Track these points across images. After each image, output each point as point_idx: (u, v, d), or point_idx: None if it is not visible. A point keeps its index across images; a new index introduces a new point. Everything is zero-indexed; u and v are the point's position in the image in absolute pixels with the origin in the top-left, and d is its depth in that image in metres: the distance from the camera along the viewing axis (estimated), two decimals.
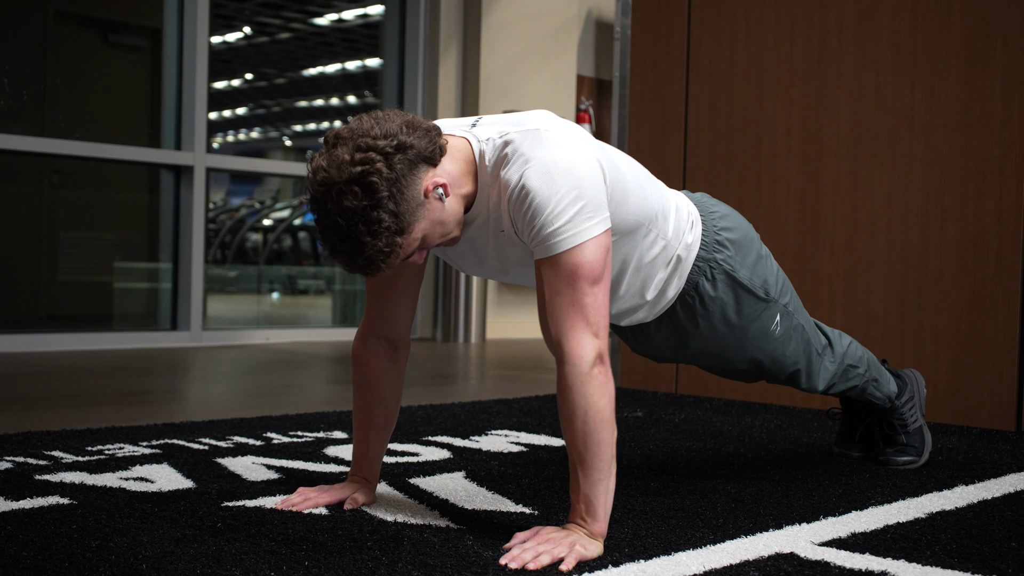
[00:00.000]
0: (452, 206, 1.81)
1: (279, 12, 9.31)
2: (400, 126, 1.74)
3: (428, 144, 1.76)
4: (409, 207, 1.72)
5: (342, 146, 1.71)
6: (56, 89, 6.33)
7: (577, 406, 1.76)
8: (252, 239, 9.67)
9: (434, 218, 1.78)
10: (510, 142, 1.83)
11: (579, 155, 1.82)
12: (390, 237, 1.70)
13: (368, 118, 1.76)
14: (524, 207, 1.78)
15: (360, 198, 1.67)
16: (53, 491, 2.14)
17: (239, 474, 2.36)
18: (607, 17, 7.49)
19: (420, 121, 1.79)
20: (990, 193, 3.36)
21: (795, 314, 2.29)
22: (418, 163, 1.74)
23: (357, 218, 1.67)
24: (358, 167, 1.68)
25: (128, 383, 4.38)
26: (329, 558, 1.70)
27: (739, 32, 3.99)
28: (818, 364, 2.37)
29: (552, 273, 1.78)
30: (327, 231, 1.71)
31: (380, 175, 1.68)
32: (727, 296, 2.14)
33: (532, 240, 1.79)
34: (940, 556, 1.82)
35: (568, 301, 1.78)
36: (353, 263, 1.73)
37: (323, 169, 1.70)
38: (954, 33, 3.45)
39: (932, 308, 3.48)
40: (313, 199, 1.72)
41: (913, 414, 2.63)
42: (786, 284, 2.29)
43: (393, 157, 1.70)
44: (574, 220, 1.76)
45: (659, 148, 4.21)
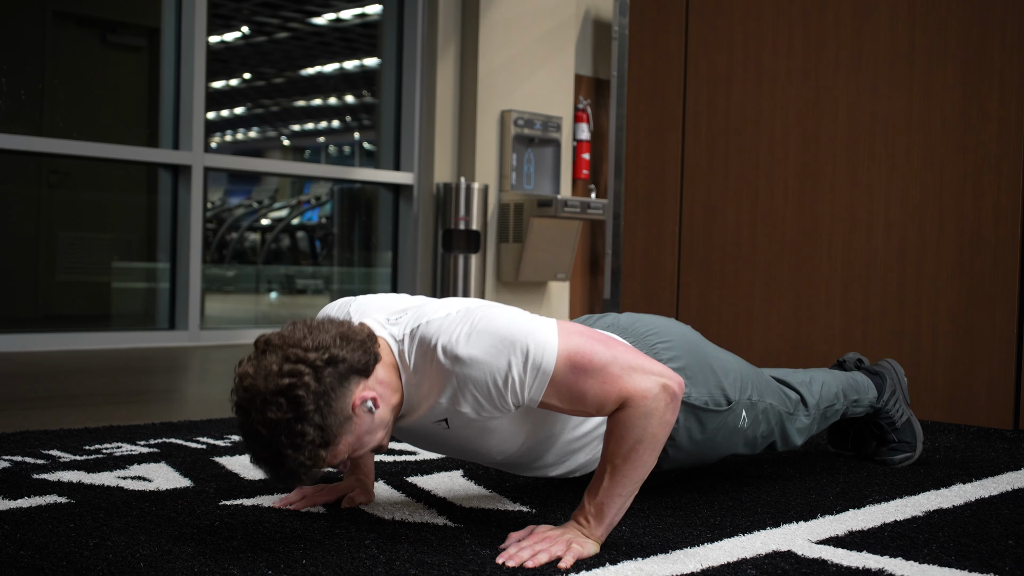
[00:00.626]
0: (382, 415, 1.74)
1: (277, 12, 9.31)
2: (334, 338, 1.68)
3: (362, 356, 1.70)
4: (336, 420, 1.65)
5: (271, 354, 1.65)
6: (54, 89, 6.33)
7: (636, 427, 1.73)
8: (250, 239, 9.67)
9: (361, 431, 1.71)
10: (424, 331, 1.77)
11: (490, 307, 1.78)
12: (314, 450, 1.63)
13: (302, 326, 1.70)
14: (483, 391, 1.72)
15: (285, 410, 1.60)
16: (51, 490, 2.14)
17: (237, 473, 2.36)
18: (605, 17, 7.49)
19: (356, 332, 1.73)
20: (988, 192, 3.36)
21: (760, 399, 2.25)
22: (349, 376, 1.68)
23: (280, 430, 1.61)
24: (285, 379, 1.61)
25: (126, 382, 4.38)
26: (327, 556, 1.70)
27: (737, 32, 3.99)
28: (791, 426, 2.34)
29: (564, 392, 1.74)
30: (249, 438, 1.65)
31: (307, 388, 1.61)
32: (690, 422, 2.11)
33: (519, 396, 1.74)
34: (937, 554, 1.82)
35: (598, 386, 1.73)
36: (274, 473, 1.67)
37: (249, 376, 1.64)
38: (952, 33, 3.45)
39: (930, 307, 3.48)
40: (237, 405, 1.65)
41: (899, 409, 2.63)
42: (742, 372, 2.24)
43: (323, 371, 1.64)
44: (531, 358, 1.71)
45: (657, 147, 4.21)
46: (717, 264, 4.07)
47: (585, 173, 7.24)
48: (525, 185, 6.81)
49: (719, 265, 4.06)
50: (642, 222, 4.31)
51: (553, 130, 6.95)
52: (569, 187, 7.15)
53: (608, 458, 1.76)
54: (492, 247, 6.65)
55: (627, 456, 1.74)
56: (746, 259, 3.96)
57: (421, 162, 6.64)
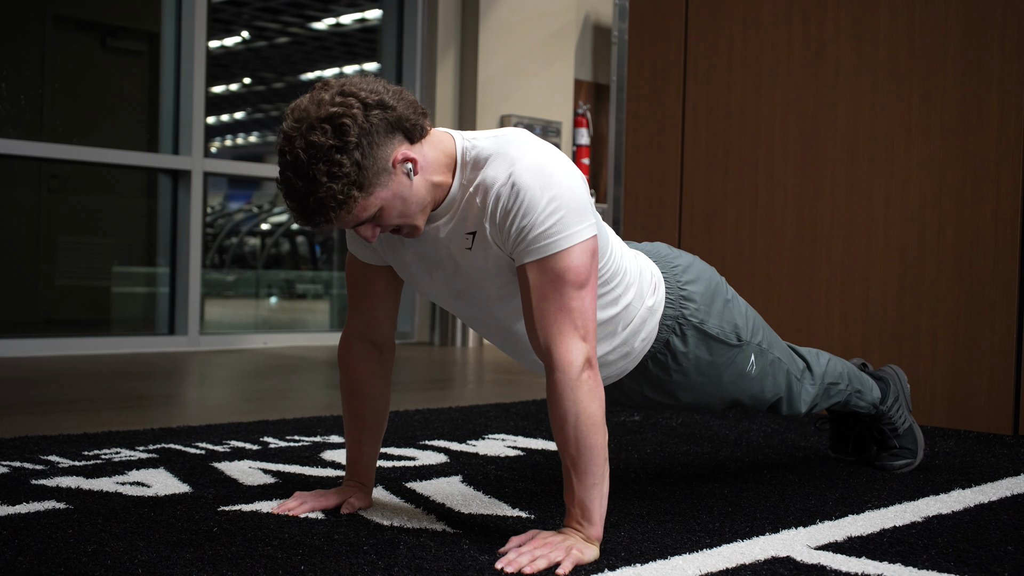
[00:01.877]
0: (419, 187, 1.77)
1: (277, 16, 9.32)
2: (388, 89, 1.73)
3: (410, 115, 1.74)
4: (374, 165, 1.69)
5: (326, 90, 1.71)
6: (54, 93, 6.33)
7: (568, 412, 1.76)
8: (250, 243, 9.67)
9: (397, 191, 1.74)
10: (497, 143, 1.82)
11: (565, 163, 1.81)
12: (347, 186, 1.67)
13: (360, 76, 1.76)
14: (512, 205, 1.75)
15: (328, 136, 1.65)
16: (49, 496, 2.14)
17: (236, 478, 2.36)
18: (604, 21, 7.50)
19: (410, 96, 1.77)
20: (987, 197, 3.37)
21: (770, 349, 2.26)
22: (395, 129, 1.72)
23: (320, 156, 1.65)
24: (335, 107, 1.66)
25: (125, 387, 4.38)
26: (325, 562, 1.70)
27: (736, 36, 4.00)
28: (798, 389, 2.35)
29: (539, 277, 1.77)
30: (287, 166, 1.68)
31: (354, 120, 1.66)
32: (699, 349, 2.12)
33: (516, 242, 1.77)
34: (936, 560, 1.82)
35: (555, 306, 1.76)
36: (304, 205, 1.69)
37: (301, 107, 1.70)
38: (951, 38, 3.45)
39: (929, 312, 3.48)
40: (283, 133, 1.70)
41: (901, 415, 2.63)
42: (757, 320, 2.27)
43: (372, 110, 1.69)
44: (562, 222, 1.75)
45: (656, 152, 4.21)
46: (716, 268, 4.06)
47: (585, 178, 7.24)
48: None
49: (718, 269, 4.05)
50: (642, 226, 4.31)
51: (553, 135, 6.95)
52: None
53: (562, 454, 1.79)
54: None
55: (576, 443, 1.76)
56: (745, 264, 3.96)
57: None
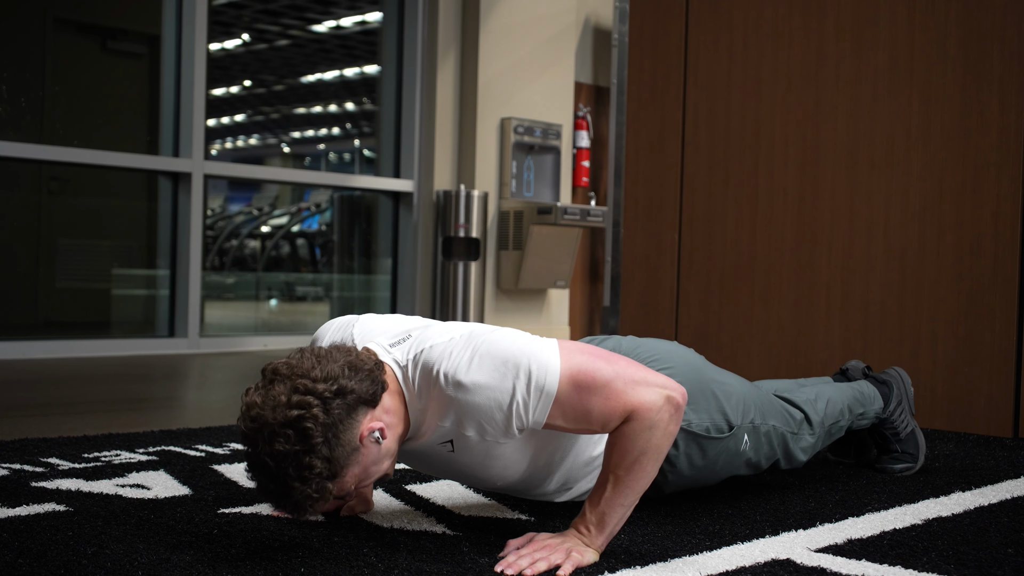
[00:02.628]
0: (388, 445, 1.75)
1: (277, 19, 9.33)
2: (343, 368, 1.67)
3: (370, 386, 1.69)
4: (344, 451, 1.65)
5: (279, 384, 1.64)
6: (55, 96, 6.34)
7: (640, 438, 1.72)
8: (250, 246, 9.67)
9: (368, 461, 1.71)
10: (427, 357, 1.76)
11: (491, 331, 1.77)
12: (320, 483, 1.63)
13: (310, 355, 1.69)
14: (488, 416, 1.72)
15: (293, 442, 1.60)
16: (49, 498, 2.13)
17: (235, 481, 2.36)
18: (605, 24, 7.50)
19: (363, 360, 1.72)
20: (987, 200, 3.37)
21: (763, 422, 2.23)
22: (357, 407, 1.67)
23: (288, 462, 1.60)
24: (294, 410, 1.60)
25: (125, 390, 4.37)
26: (325, 565, 1.70)
27: (737, 39, 4.00)
28: (795, 445, 2.33)
29: (567, 416, 1.73)
30: (255, 469, 1.64)
31: (316, 420, 1.60)
32: (691, 449, 2.10)
33: (521, 426, 1.74)
34: (936, 562, 1.81)
35: (602, 403, 1.72)
36: (280, 504, 1.67)
37: (257, 406, 1.63)
38: (951, 41, 3.45)
39: (929, 314, 3.48)
40: (244, 435, 1.64)
41: (904, 419, 2.63)
42: (747, 395, 2.22)
43: (331, 402, 1.63)
44: (534, 379, 1.70)
45: (657, 155, 4.21)
46: (717, 271, 4.07)
47: (585, 180, 7.25)
48: (525, 192, 6.82)
49: (719, 272, 4.06)
50: (642, 229, 4.31)
51: (553, 137, 6.95)
52: (569, 194, 7.16)
53: (611, 468, 1.76)
54: (492, 254, 6.65)
55: (630, 467, 1.74)
56: (746, 266, 3.96)
57: (421, 169, 6.64)
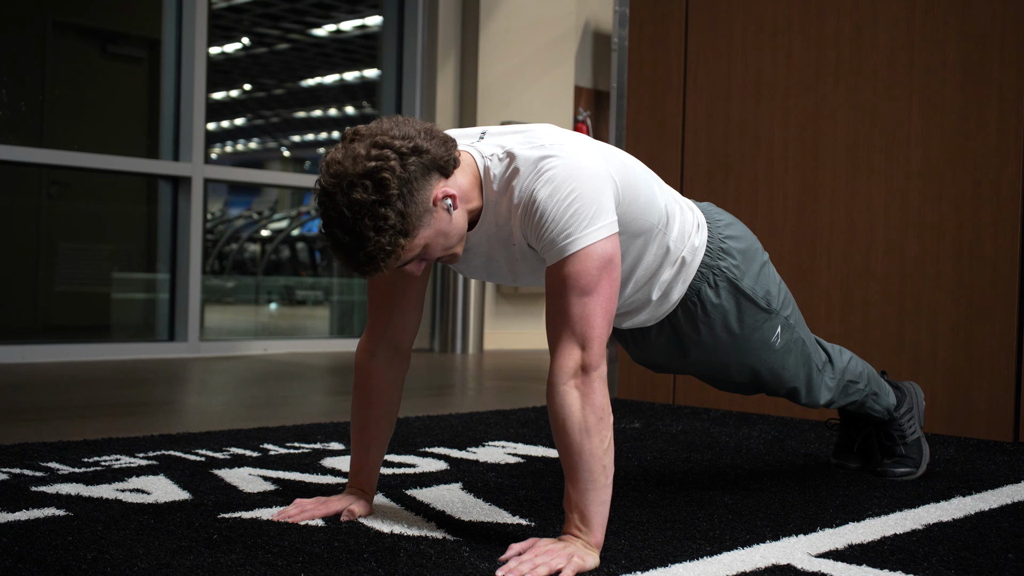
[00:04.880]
0: (458, 219, 1.82)
1: (277, 23, 9.33)
2: (419, 131, 1.76)
3: (444, 153, 1.77)
4: (417, 210, 1.72)
5: (359, 142, 1.72)
6: (55, 100, 6.34)
7: (557, 416, 1.78)
8: (250, 250, 9.67)
9: (439, 228, 1.78)
10: (515, 157, 1.84)
11: (583, 167, 1.82)
12: (394, 236, 1.70)
13: (388, 120, 1.77)
14: (533, 220, 1.80)
15: (370, 192, 1.67)
16: (49, 503, 2.13)
17: (236, 486, 2.36)
18: (605, 28, 7.51)
19: (439, 131, 1.81)
20: (987, 204, 3.37)
21: (796, 327, 2.29)
22: (431, 170, 1.75)
23: (364, 212, 1.67)
24: (373, 162, 1.68)
25: (125, 394, 4.38)
26: (325, 570, 1.70)
27: (737, 43, 4.00)
28: (818, 380, 2.37)
29: (550, 282, 1.81)
30: (331, 223, 1.71)
31: (393, 172, 1.68)
32: (729, 304, 2.15)
33: (542, 251, 1.82)
34: (937, 568, 1.81)
35: (557, 310, 1.80)
36: (353, 259, 1.72)
37: (337, 162, 1.71)
38: (951, 45, 3.46)
39: (929, 319, 3.48)
40: (323, 190, 1.71)
41: (912, 425, 2.63)
42: (788, 297, 2.29)
43: (408, 158, 1.71)
44: (568, 229, 1.77)
45: (657, 159, 4.21)
46: None
47: None
48: None
49: None
50: None
51: None
52: None
53: (562, 460, 1.80)
54: None
55: (566, 450, 1.77)
56: None
57: None
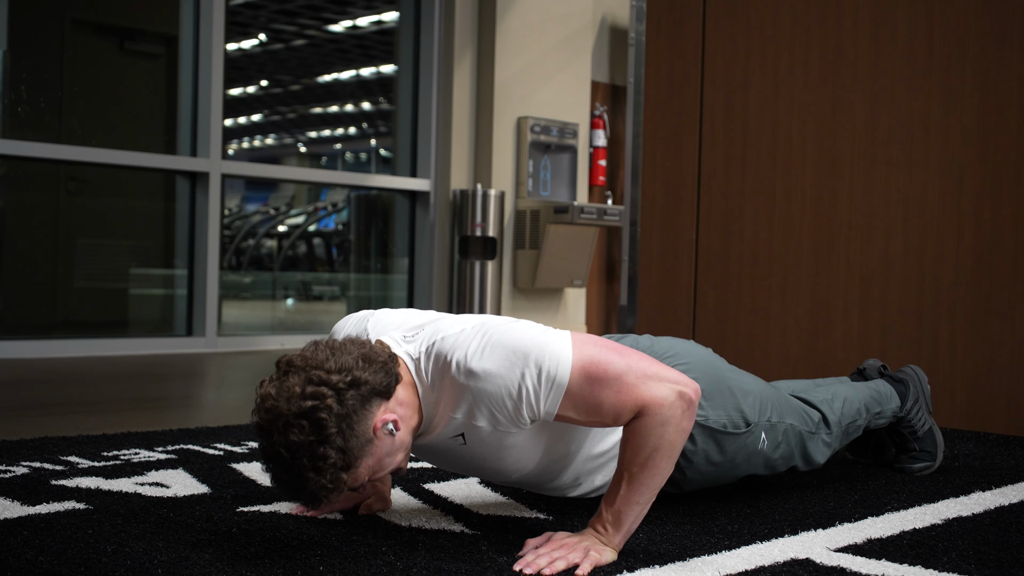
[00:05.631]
0: (402, 437, 1.74)
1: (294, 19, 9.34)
2: (356, 360, 1.68)
3: (383, 378, 1.70)
4: (358, 443, 1.65)
5: (294, 375, 1.65)
6: (73, 96, 6.36)
7: (653, 435, 1.72)
8: (267, 245, 9.70)
9: (382, 453, 1.71)
10: (439, 347, 1.77)
11: (504, 321, 1.77)
12: (335, 473, 1.63)
13: (324, 348, 1.70)
14: (499, 405, 1.72)
15: (307, 433, 1.60)
16: (69, 496, 2.14)
17: (254, 479, 2.37)
18: (622, 23, 7.49)
19: (377, 352, 1.72)
20: (1007, 199, 3.35)
21: (780, 421, 2.23)
22: (371, 398, 1.68)
23: (302, 453, 1.61)
24: (309, 401, 1.61)
25: (143, 389, 4.39)
26: (344, 563, 1.70)
27: (754, 38, 3.99)
28: (813, 446, 2.31)
29: (578, 408, 1.73)
30: (270, 460, 1.65)
31: (330, 411, 1.61)
32: (707, 445, 2.10)
33: (533, 416, 1.74)
34: (957, 562, 1.81)
35: (614, 396, 1.72)
36: (294, 496, 1.67)
37: (272, 398, 1.63)
38: (970, 39, 3.44)
39: (948, 314, 3.46)
40: (259, 427, 1.64)
41: (921, 418, 2.61)
42: (762, 394, 2.22)
43: (346, 393, 1.63)
44: (545, 368, 1.71)
45: (673, 154, 4.20)
46: (734, 271, 4.06)
47: (602, 180, 7.24)
48: (542, 192, 6.82)
49: (736, 272, 4.05)
50: (659, 229, 4.31)
51: (570, 136, 6.95)
52: (586, 194, 7.15)
53: (625, 466, 1.76)
54: (508, 254, 6.65)
55: (644, 464, 1.74)
56: (763, 265, 3.95)
57: (438, 169, 6.65)
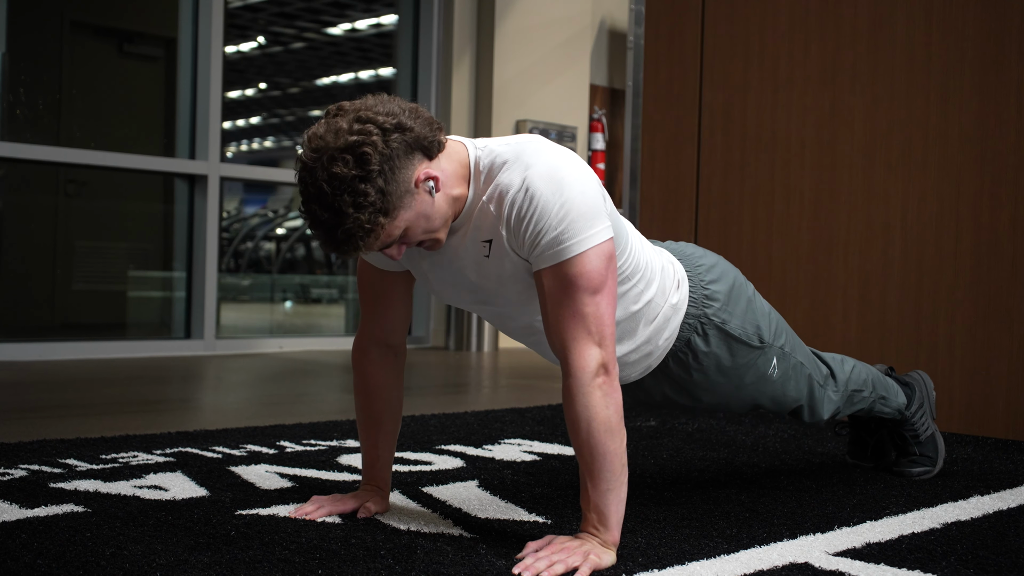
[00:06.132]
0: (440, 204, 1.77)
1: (293, 22, 9.35)
2: (404, 109, 1.72)
3: (428, 133, 1.73)
4: (398, 189, 1.69)
5: (342, 117, 1.69)
6: (71, 98, 6.36)
7: (580, 417, 1.76)
8: (265, 248, 9.69)
9: (420, 210, 1.74)
10: (511, 150, 1.81)
11: (580, 167, 1.81)
12: (373, 214, 1.66)
13: (374, 97, 1.74)
14: (525, 211, 1.75)
15: (351, 167, 1.64)
16: (67, 499, 2.14)
17: (252, 482, 2.37)
18: (620, 26, 7.50)
19: (425, 112, 1.77)
20: (1005, 202, 3.35)
21: (792, 353, 2.25)
22: (414, 149, 1.71)
23: (344, 187, 1.64)
24: (354, 136, 1.65)
25: (142, 391, 4.39)
26: (342, 567, 1.70)
27: (753, 41, 3.99)
28: (821, 395, 2.34)
29: (553, 283, 1.77)
30: (311, 199, 1.67)
31: (375, 148, 1.65)
32: (720, 349, 2.11)
33: (531, 248, 1.77)
34: (955, 567, 1.81)
35: (569, 312, 1.76)
36: (331, 236, 1.69)
37: (319, 136, 1.67)
38: (969, 42, 3.44)
39: (947, 317, 3.46)
40: (303, 164, 1.68)
41: (924, 422, 2.62)
42: (780, 323, 2.25)
43: (391, 135, 1.67)
44: (573, 227, 1.74)
45: (672, 157, 4.20)
46: None
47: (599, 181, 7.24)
48: None
49: None
50: (657, 231, 4.31)
51: (568, 140, 6.95)
52: None
53: (578, 459, 1.79)
54: None
55: (590, 449, 1.76)
56: (762, 269, 3.95)
57: None
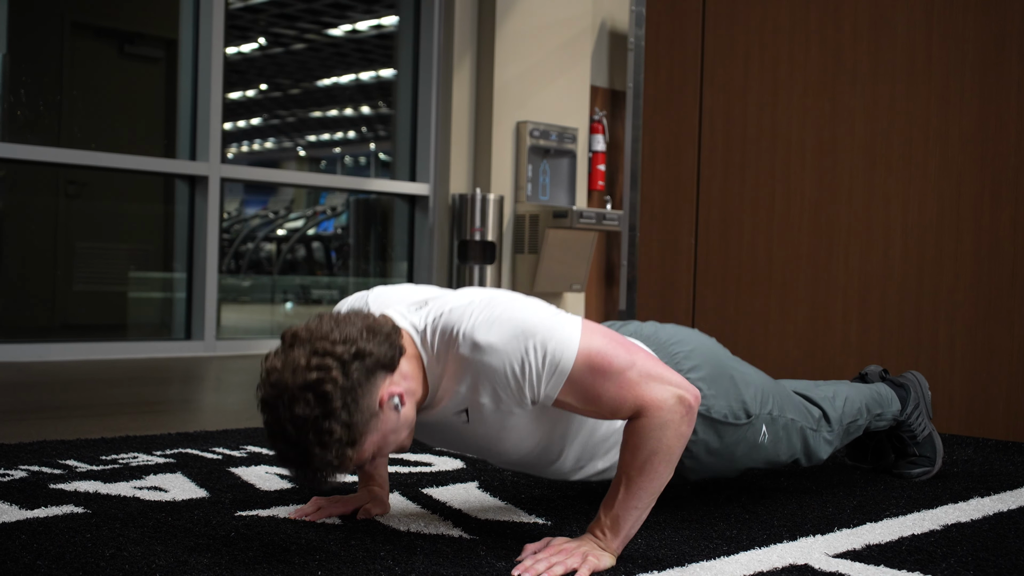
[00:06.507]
0: (407, 413, 1.71)
1: (294, 23, 9.35)
2: (360, 331, 1.65)
3: (388, 350, 1.67)
4: (363, 417, 1.63)
5: (299, 348, 1.63)
6: (72, 100, 6.36)
7: (650, 438, 1.72)
8: (266, 249, 9.70)
9: (387, 428, 1.68)
10: (446, 320, 1.75)
11: (498, 300, 1.76)
12: (340, 449, 1.60)
13: (328, 320, 1.68)
14: (502, 378, 1.70)
15: (312, 406, 1.58)
16: (67, 500, 2.14)
17: (253, 484, 2.37)
18: (621, 28, 7.50)
19: (380, 324, 1.70)
20: (1005, 204, 3.35)
21: (781, 414, 2.22)
22: (375, 371, 1.65)
23: (307, 427, 1.58)
24: (313, 373, 1.59)
25: (142, 392, 4.39)
26: (342, 568, 1.70)
27: (753, 43, 3.99)
28: (816, 441, 2.32)
29: (580, 394, 1.73)
30: (276, 437, 1.62)
31: (335, 384, 1.59)
32: (708, 435, 2.09)
33: (534, 396, 1.73)
34: (956, 568, 1.80)
35: (615, 390, 1.72)
36: (300, 473, 1.65)
37: (277, 371, 1.62)
38: (969, 44, 3.44)
39: (947, 319, 3.46)
40: (264, 401, 1.63)
41: (921, 423, 2.62)
42: (764, 386, 2.22)
43: (350, 365, 1.61)
44: (551, 348, 1.70)
45: (673, 159, 4.20)
46: (733, 275, 4.06)
47: (601, 184, 7.24)
48: (540, 196, 6.82)
49: (735, 276, 4.06)
50: (658, 233, 4.31)
51: (569, 141, 6.95)
52: (584, 198, 7.15)
53: (623, 470, 1.75)
54: (507, 258, 6.65)
55: (642, 468, 1.73)
56: (762, 270, 3.95)
57: (437, 173, 6.65)
